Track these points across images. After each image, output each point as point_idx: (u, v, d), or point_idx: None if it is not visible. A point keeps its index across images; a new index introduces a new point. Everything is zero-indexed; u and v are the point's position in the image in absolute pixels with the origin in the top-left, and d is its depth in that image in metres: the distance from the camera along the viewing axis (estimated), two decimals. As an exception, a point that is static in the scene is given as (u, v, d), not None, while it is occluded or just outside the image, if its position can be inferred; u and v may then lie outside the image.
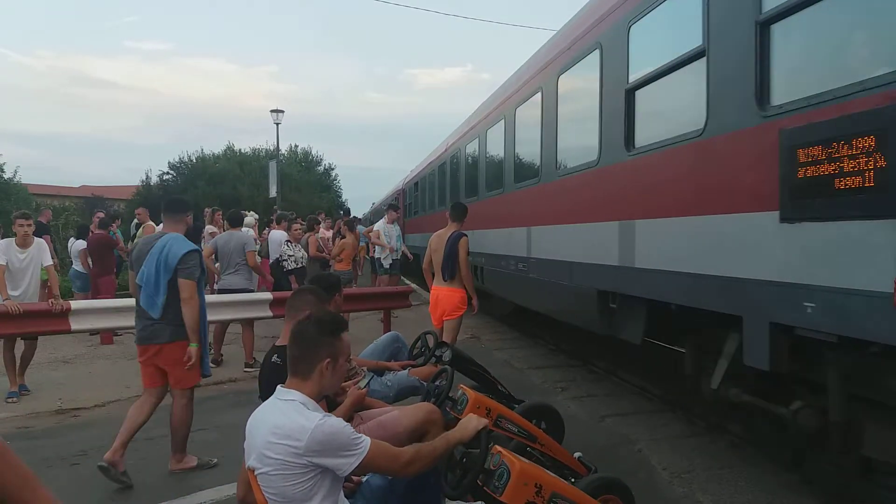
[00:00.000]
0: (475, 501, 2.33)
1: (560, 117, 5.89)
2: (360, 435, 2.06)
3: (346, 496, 2.22)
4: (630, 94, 4.39)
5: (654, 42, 4.24)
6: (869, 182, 2.41)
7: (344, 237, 10.19)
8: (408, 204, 18.15)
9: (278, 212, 11.61)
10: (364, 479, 2.43)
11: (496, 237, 8.04)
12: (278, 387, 2.20)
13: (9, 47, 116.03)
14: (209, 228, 9.67)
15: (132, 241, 9.88)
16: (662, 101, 4.18)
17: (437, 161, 13.17)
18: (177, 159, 33.52)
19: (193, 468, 4.04)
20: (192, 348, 3.94)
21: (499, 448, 2.39)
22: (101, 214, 9.98)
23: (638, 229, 4.29)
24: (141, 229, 9.61)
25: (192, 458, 4.09)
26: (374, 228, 11.45)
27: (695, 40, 3.61)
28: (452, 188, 11.30)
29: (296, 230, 8.66)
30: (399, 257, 11.28)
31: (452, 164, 11.42)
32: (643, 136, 4.28)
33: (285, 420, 2.01)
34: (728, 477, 3.86)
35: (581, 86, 5.53)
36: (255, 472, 2.04)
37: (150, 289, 3.90)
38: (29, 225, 5.89)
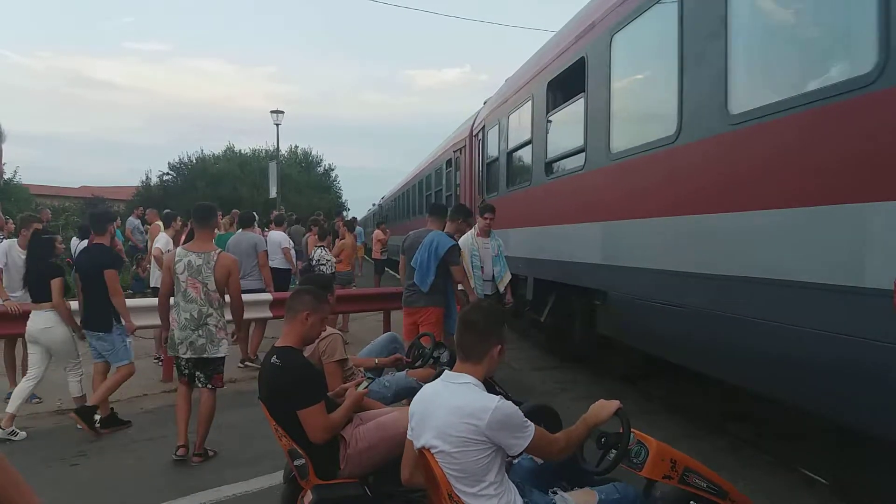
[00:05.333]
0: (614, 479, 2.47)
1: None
2: (528, 420, 2.18)
3: None
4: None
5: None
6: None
7: (343, 238, 10.20)
8: (491, 163, 8.80)
9: (276, 214, 11.61)
10: (516, 460, 2.55)
11: None
12: (446, 371, 2.37)
13: (8, 48, 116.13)
14: (209, 229, 9.66)
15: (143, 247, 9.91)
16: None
17: None
18: (177, 160, 33.63)
19: None
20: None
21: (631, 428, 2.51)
22: None
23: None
24: (149, 232, 9.65)
25: None
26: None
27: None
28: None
29: (315, 234, 8.87)
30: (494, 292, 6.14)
31: None
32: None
33: (466, 401, 2.16)
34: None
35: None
36: (434, 451, 2.18)
37: (424, 270, 5.27)
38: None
